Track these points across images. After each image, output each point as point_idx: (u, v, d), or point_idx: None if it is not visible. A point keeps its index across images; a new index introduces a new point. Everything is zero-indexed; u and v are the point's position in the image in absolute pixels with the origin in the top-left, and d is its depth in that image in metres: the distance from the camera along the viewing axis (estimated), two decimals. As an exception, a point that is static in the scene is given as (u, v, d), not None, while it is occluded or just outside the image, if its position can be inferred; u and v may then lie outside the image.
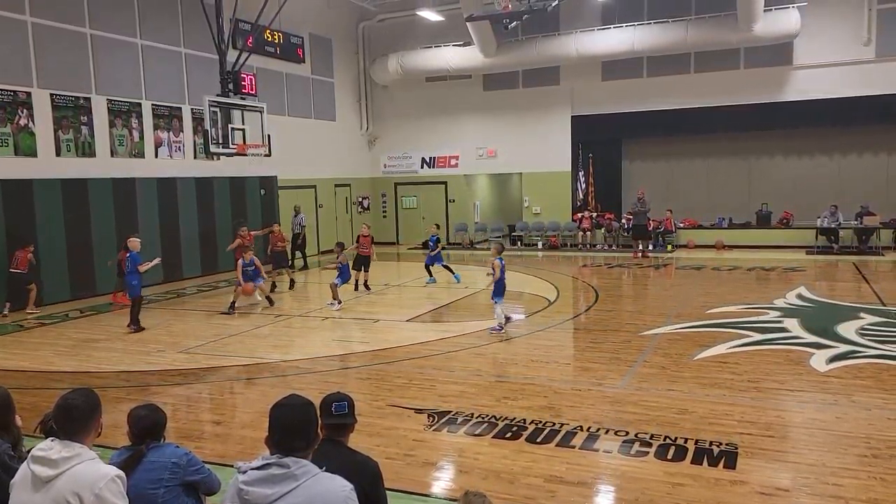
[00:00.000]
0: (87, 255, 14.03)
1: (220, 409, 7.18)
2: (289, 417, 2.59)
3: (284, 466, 2.48)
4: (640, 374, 7.68)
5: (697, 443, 5.56)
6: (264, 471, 2.50)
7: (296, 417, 2.59)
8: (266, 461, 2.52)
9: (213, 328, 10.80)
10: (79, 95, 13.86)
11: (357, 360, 8.70)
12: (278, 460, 2.50)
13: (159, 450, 3.35)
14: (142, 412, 3.48)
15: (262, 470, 2.50)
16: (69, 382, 7.71)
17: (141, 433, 3.41)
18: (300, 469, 2.48)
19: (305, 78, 20.50)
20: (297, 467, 2.48)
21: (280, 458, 2.50)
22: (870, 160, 19.70)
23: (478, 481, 4.97)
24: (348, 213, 22.73)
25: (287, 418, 2.59)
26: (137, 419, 3.44)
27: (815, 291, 12.36)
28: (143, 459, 3.29)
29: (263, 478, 2.48)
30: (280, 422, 2.59)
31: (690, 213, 20.73)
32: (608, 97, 20.62)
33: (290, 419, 2.59)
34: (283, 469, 2.48)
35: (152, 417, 3.46)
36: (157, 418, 3.46)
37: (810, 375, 7.41)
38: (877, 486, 4.75)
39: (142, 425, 3.42)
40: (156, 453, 3.33)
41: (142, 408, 3.53)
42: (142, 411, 3.49)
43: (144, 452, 3.32)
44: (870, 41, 17.96)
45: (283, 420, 2.59)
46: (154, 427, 3.43)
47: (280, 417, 2.60)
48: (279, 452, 2.53)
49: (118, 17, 14.66)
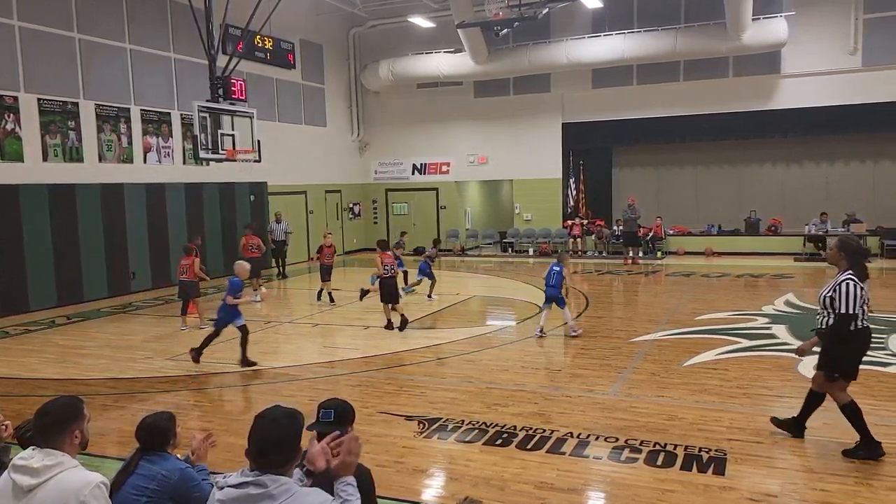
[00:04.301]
0: (75, 261, 13.92)
1: (208, 417, 7.12)
2: (266, 431, 2.46)
3: (262, 486, 2.36)
4: (631, 380, 7.69)
5: (687, 449, 5.57)
6: (241, 490, 2.38)
7: (273, 431, 2.46)
8: (243, 478, 2.40)
9: (203, 335, 10.70)
10: (66, 100, 13.78)
11: (347, 367, 8.67)
12: (256, 478, 2.38)
13: (159, 460, 3.32)
14: (146, 419, 3.47)
15: (238, 489, 2.38)
16: (55, 390, 7.63)
17: (142, 439, 3.40)
18: (278, 488, 2.36)
19: (296, 84, 20.48)
20: (274, 486, 2.36)
21: (258, 476, 2.38)
22: (856, 168, 19.89)
23: (468, 488, 4.95)
24: (339, 219, 22.69)
25: (263, 432, 2.46)
26: (140, 425, 3.44)
27: (804, 298, 12.43)
28: (138, 464, 3.27)
29: (239, 498, 2.37)
30: (256, 435, 2.46)
31: (680, 221, 20.84)
32: (599, 105, 20.73)
33: (266, 433, 2.45)
34: (260, 489, 2.35)
35: (151, 424, 3.44)
36: (153, 426, 3.43)
37: (798, 381, 7.44)
38: (864, 491, 4.77)
39: (140, 431, 3.42)
40: (153, 462, 3.30)
41: (149, 415, 3.52)
42: (147, 419, 3.48)
43: (137, 460, 3.30)
44: (856, 50, 18.16)
45: (260, 433, 2.46)
46: (150, 434, 3.41)
47: (257, 430, 2.47)
48: (256, 467, 2.42)
49: (107, 22, 14.60)
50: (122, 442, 6.00)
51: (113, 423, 6.69)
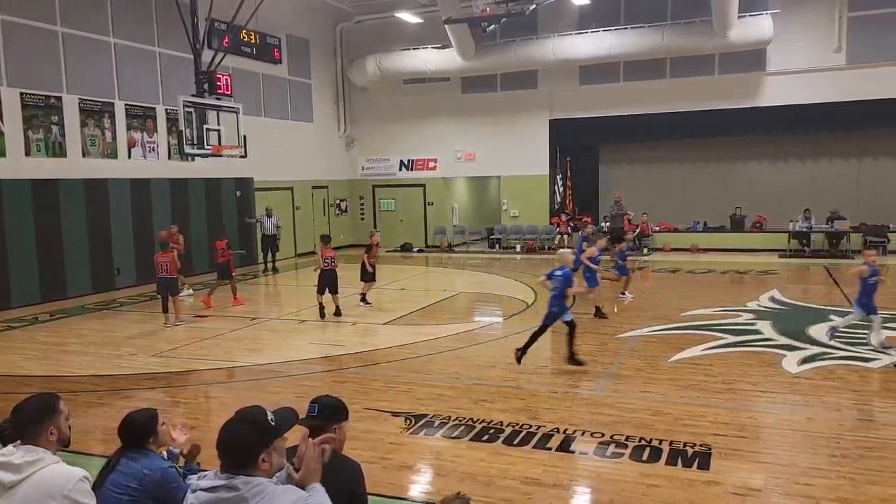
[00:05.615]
0: (58, 257, 13.77)
1: (193, 414, 7.08)
2: (229, 435, 2.37)
3: (233, 489, 2.30)
4: (617, 376, 7.73)
5: (672, 444, 5.61)
6: (212, 493, 2.32)
7: (236, 436, 2.36)
8: (216, 482, 2.34)
9: (188, 331, 10.65)
10: (50, 94, 13.61)
11: (334, 364, 8.65)
12: (228, 481, 2.31)
13: (140, 458, 3.28)
14: (128, 416, 3.44)
15: (210, 492, 2.33)
16: (39, 387, 7.55)
17: (123, 436, 3.37)
18: (251, 490, 2.28)
19: (282, 79, 20.36)
20: (247, 489, 2.29)
21: (230, 479, 2.31)
22: (840, 165, 20.08)
23: (455, 484, 4.96)
24: (326, 215, 22.61)
25: (226, 435, 2.37)
26: (122, 422, 3.40)
27: (788, 294, 12.55)
28: (119, 462, 3.24)
29: (211, 502, 2.31)
30: (220, 438, 2.37)
31: (666, 217, 20.95)
32: (586, 102, 20.77)
33: (229, 437, 2.36)
34: (232, 492, 2.29)
35: (132, 421, 3.41)
36: (135, 423, 3.39)
37: (782, 377, 7.52)
38: (846, 485, 4.83)
39: (122, 428, 3.39)
40: (134, 460, 3.27)
41: (132, 412, 3.49)
42: (129, 415, 3.45)
43: (118, 457, 3.27)
44: (840, 48, 18.31)
45: (222, 437, 2.37)
46: (131, 431, 3.37)
47: (221, 433, 2.38)
48: (227, 470, 2.34)
49: (91, 16, 14.42)
50: (106, 440, 5.95)
51: (97, 420, 6.63)
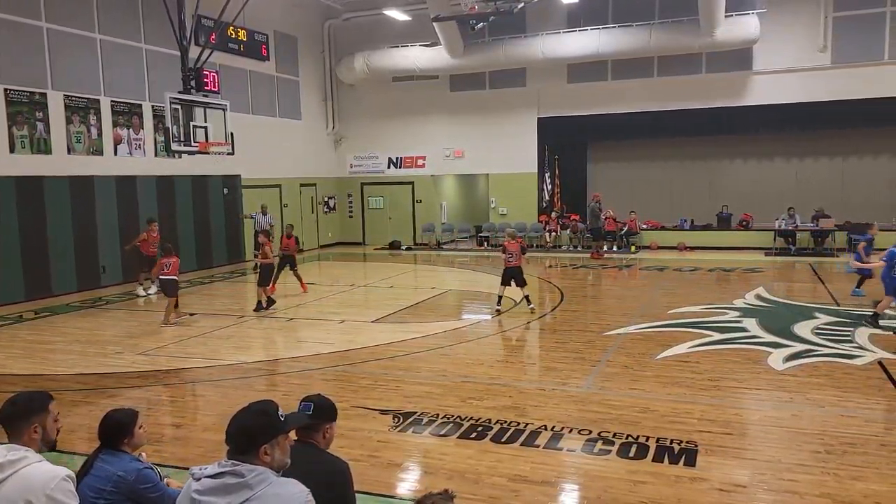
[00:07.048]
0: (43, 255, 13.64)
1: (180, 412, 7.04)
2: (238, 421, 2.51)
3: (239, 475, 2.38)
4: (604, 373, 7.76)
5: (658, 441, 5.64)
6: (218, 480, 2.40)
7: (244, 423, 2.49)
8: (221, 468, 2.42)
9: (175, 329, 10.58)
10: (34, 91, 13.46)
11: (322, 362, 8.62)
12: (233, 468, 2.40)
13: (114, 460, 3.25)
14: (107, 415, 3.41)
15: (215, 479, 2.41)
16: (24, 386, 7.48)
17: (100, 435, 3.34)
18: (255, 477, 2.39)
19: (270, 76, 20.26)
20: (252, 476, 2.38)
21: (235, 466, 2.41)
22: (825, 164, 20.26)
23: (443, 481, 4.96)
24: (314, 213, 22.54)
25: (235, 422, 2.51)
26: (101, 421, 3.36)
27: (773, 292, 12.65)
28: (93, 464, 3.21)
29: (217, 487, 2.39)
30: (230, 424, 2.51)
31: (654, 215, 21.06)
32: (574, 100, 20.83)
33: (237, 423, 2.50)
34: (238, 478, 2.38)
35: (110, 420, 3.38)
36: (112, 422, 3.36)
37: (768, 374, 7.58)
38: (830, 481, 4.88)
39: (100, 427, 3.36)
40: (108, 462, 3.23)
41: (111, 411, 3.45)
42: (107, 414, 3.42)
43: (93, 459, 3.24)
44: (826, 48, 18.47)
45: (232, 422, 2.51)
46: (107, 430, 3.34)
47: (232, 419, 2.52)
48: (233, 457, 2.45)
49: (75, 11, 14.28)
50: (91, 438, 5.85)
51: (82, 419, 6.57)
